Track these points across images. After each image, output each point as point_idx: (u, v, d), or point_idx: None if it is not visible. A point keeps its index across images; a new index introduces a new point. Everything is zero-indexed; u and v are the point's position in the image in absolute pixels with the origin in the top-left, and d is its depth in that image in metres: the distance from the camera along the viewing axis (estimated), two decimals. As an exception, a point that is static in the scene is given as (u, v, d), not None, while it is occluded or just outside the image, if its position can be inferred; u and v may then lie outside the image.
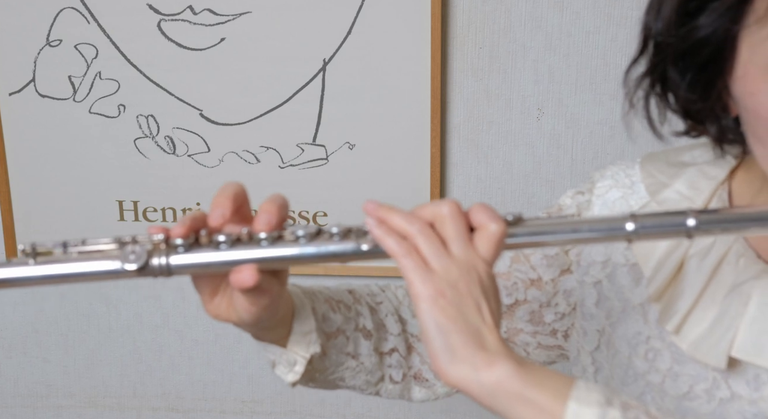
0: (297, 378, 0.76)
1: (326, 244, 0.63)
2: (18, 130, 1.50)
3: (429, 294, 0.59)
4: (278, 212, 0.65)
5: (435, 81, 1.39)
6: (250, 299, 0.66)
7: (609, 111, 1.42)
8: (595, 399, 0.58)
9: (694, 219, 0.62)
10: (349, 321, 0.80)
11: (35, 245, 0.63)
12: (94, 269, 0.63)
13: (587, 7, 1.37)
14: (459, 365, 0.58)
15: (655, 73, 0.71)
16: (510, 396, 0.58)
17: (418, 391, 0.88)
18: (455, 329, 0.59)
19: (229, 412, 1.66)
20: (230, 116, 1.46)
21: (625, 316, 0.79)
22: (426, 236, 0.61)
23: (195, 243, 0.63)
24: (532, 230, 0.63)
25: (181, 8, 1.41)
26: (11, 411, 1.69)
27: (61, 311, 1.62)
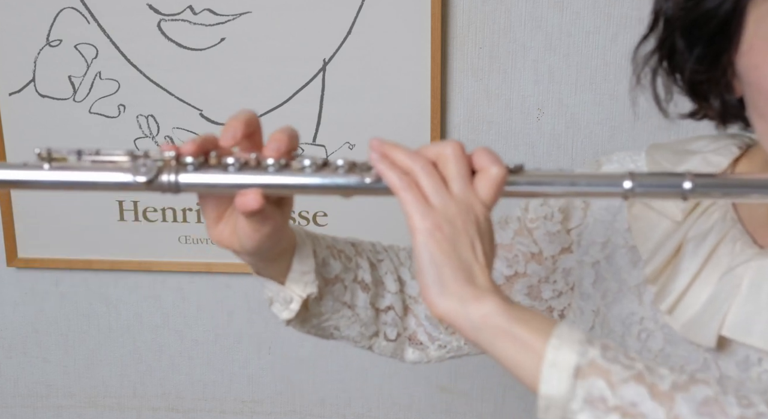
0: (291, 316, 0.78)
1: (331, 175, 0.64)
2: (18, 130, 1.50)
3: (426, 228, 0.60)
4: (288, 141, 0.67)
5: (435, 81, 1.39)
6: (252, 225, 0.67)
7: (609, 111, 1.42)
8: (576, 338, 0.59)
9: (690, 182, 0.63)
10: (348, 271, 0.81)
11: (50, 150, 0.65)
12: (105, 179, 0.65)
13: (587, 7, 1.38)
14: (448, 298, 0.60)
15: (663, 49, 0.72)
16: (495, 331, 0.60)
17: (411, 352, 0.89)
18: (448, 263, 0.60)
19: (229, 412, 1.66)
20: (230, 116, 1.46)
21: (621, 296, 0.80)
22: (427, 173, 0.63)
23: (204, 164, 0.65)
24: (532, 180, 0.65)
25: (181, 8, 1.41)
26: (11, 411, 1.69)
27: (61, 311, 1.62)
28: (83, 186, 0.65)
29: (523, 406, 1.59)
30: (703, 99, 0.72)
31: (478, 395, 1.59)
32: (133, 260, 1.55)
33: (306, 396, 1.63)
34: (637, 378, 0.57)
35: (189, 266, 1.54)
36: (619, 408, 0.57)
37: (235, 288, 1.58)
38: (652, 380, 0.58)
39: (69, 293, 1.61)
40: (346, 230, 1.49)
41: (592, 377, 0.58)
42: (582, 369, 0.58)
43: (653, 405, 0.57)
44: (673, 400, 0.57)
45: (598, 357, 0.58)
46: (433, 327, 0.87)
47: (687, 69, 0.70)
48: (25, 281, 1.61)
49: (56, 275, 1.60)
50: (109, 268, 1.56)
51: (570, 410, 0.58)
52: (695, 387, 0.58)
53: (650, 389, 0.57)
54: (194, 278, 1.57)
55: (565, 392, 0.58)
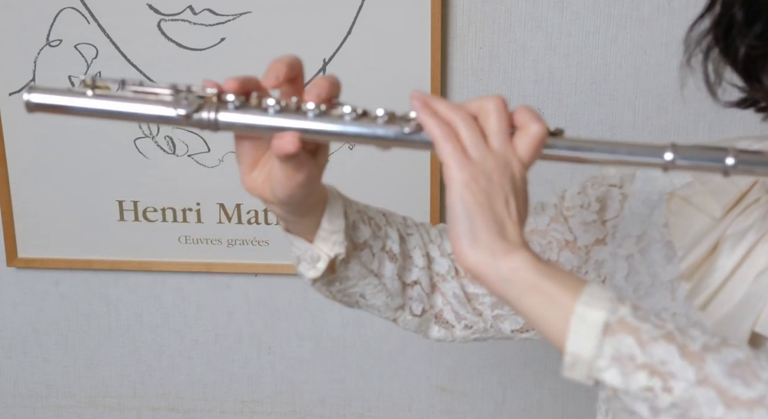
0: (317, 275, 0.78)
1: (370, 125, 0.64)
2: (18, 130, 1.50)
3: (463, 178, 0.60)
4: (329, 88, 0.67)
5: (435, 81, 1.39)
6: (287, 171, 0.67)
7: (609, 111, 1.42)
8: (606, 296, 0.58)
9: (733, 158, 0.62)
10: (377, 239, 0.81)
11: (95, 78, 0.65)
12: (146, 111, 0.65)
13: (587, 7, 1.38)
14: (479, 249, 0.60)
15: (719, 26, 0.70)
16: (523, 285, 0.59)
17: (437, 330, 0.88)
18: (481, 214, 0.60)
19: (229, 412, 1.66)
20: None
21: (654, 291, 0.80)
22: (468, 125, 0.62)
23: (244, 104, 0.65)
24: (571, 144, 0.64)
25: (181, 8, 1.41)
26: (11, 411, 1.69)
27: (61, 311, 1.62)
28: (123, 116, 0.65)
29: (523, 406, 1.59)
30: (756, 81, 0.70)
31: (478, 395, 1.59)
32: (133, 260, 1.55)
33: (306, 396, 1.63)
34: (667, 337, 0.57)
35: (189, 266, 1.54)
36: (648, 366, 0.56)
37: (235, 288, 1.58)
38: (683, 340, 0.57)
39: (69, 293, 1.61)
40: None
41: (621, 334, 0.57)
42: (611, 326, 0.57)
43: (683, 364, 0.56)
44: (703, 360, 0.56)
45: (628, 314, 0.58)
46: (461, 305, 0.87)
47: (744, 46, 0.68)
48: (25, 281, 1.61)
49: (56, 275, 1.60)
50: (109, 268, 1.56)
51: (597, 367, 0.57)
52: (726, 349, 0.57)
53: (680, 348, 0.56)
54: (194, 278, 1.57)
55: (592, 349, 0.57)
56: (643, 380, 0.56)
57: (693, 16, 0.74)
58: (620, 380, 0.57)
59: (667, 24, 1.37)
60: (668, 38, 1.38)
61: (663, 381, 0.56)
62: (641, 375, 0.56)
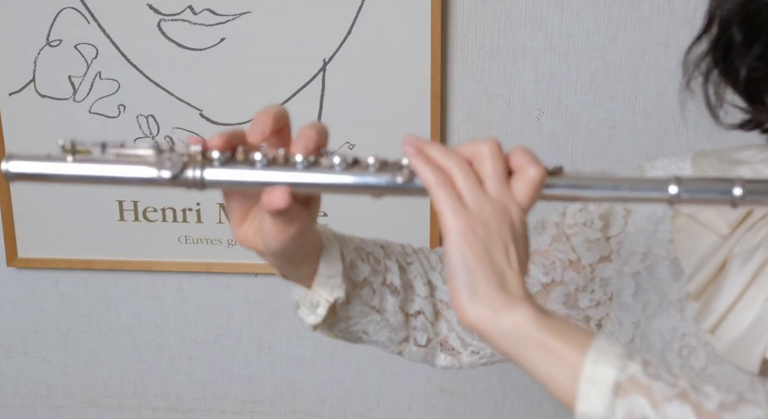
0: (318, 321, 0.75)
1: (362, 174, 0.62)
2: (18, 130, 1.50)
3: (459, 228, 0.58)
4: (317, 138, 0.65)
5: (435, 81, 1.39)
6: (278, 225, 0.65)
7: (609, 111, 1.42)
8: (615, 352, 0.56)
9: (740, 188, 0.59)
10: (377, 274, 0.78)
11: (75, 142, 0.62)
12: (129, 174, 0.62)
13: (587, 7, 1.37)
14: (479, 304, 0.57)
15: (718, 48, 0.68)
16: (527, 341, 0.57)
17: (443, 358, 0.86)
18: (480, 267, 0.57)
19: (229, 412, 1.66)
20: (230, 116, 1.46)
21: (662, 310, 0.77)
22: (463, 171, 0.60)
23: (231, 159, 0.63)
24: (572, 183, 0.61)
25: (181, 8, 1.41)
26: (11, 411, 1.69)
27: (61, 311, 1.62)
28: (107, 181, 0.63)
29: (523, 406, 1.59)
30: (759, 102, 0.69)
31: (478, 395, 1.59)
32: (133, 260, 1.55)
33: (306, 396, 1.63)
34: (681, 396, 0.54)
35: (189, 266, 1.54)
36: None
37: (235, 288, 1.58)
38: (697, 398, 0.54)
39: (69, 293, 1.61)
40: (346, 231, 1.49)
41: (633, 394, 0.55)
42: (622, 385, 0.55)
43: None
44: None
45: (639, 372, 0.55)
46: (466, 332, 0.84)
47: (744, 68, 0.66)
48: (25, 281, 1.61)
49: (56, 275, 1.59)
50: (109, 268, 1.56)
51: None
52: (744, 407, 0.55)
53: (696, 408, 0.54)
54: (194, 278, 1.57)
55: (604, 410, 0.55)
56: None
57: (693, 16, 0.73)
58: None
59: (667, 24, 1.37)
60: (668, 38, 1.38)
61: None
62: None
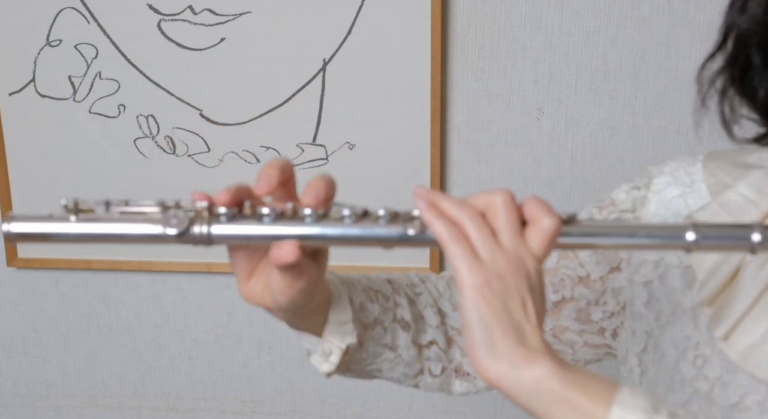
0: (332, 369, 0.75)
1: (372, 226, 0.61)
2: (18, 130, 1.50)
3: (475, 283, 0.57)
4: (326, 189, 0.63)
5: (435, 81, 1.39)
6: (287, 280, 0.64)
7: (609, 111, 1.42)
8: (640, 405, 0.55)
9: (759, 234, 0.59)
10: (387, 312, 0.78)
11: (77, 201, 0.62)
12: (134, 232, 0.62)
13: (587, 7, 1.37)
14: (498, 360, 0.56)
15: (734, 67, 0.68)
16: (550, 397, 0.56)
17: (459, 385, 0.85)
18: (498, 322, 0.56)
19: (229, 412, 1.66)
20: (230, 116, 1.46)
21: (675, 319, 0.76)
22: (476, 224, 0.59)
23: (238, 214, 0.62)
24: (587, 230, 0.61)
25: (181, 8, 1.41)
26: (11, 411, 1.69)
27: (61, 311, 1.62)
28: (112, 239, 0.62)
29: (523, 406, 1.59)
30: None
31: (478, 395, 1.59)
32: (133, 260, 1.55)
33: (306, 396, 1.63)
34: None
35: (189, 266, 1.54)
36: None
37: (235, 288, 1.56)
38: None
39: (69, 293, 1.61)
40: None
41: None
42: None
43: None
44: None
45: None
46: None
47: (763, 88, 0.65)
48: (25, 281, 1.61)
49: (56, 275, 1.59)
50: (109, 268, 1.56)
51: None
52: None
53: None
54: (194, 278, 1.57)
55: None
56: None
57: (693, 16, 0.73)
58: None
59: (667, 24, 1.37)
60: (668, 38, 1.38)
61: None
62: None
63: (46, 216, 0.62)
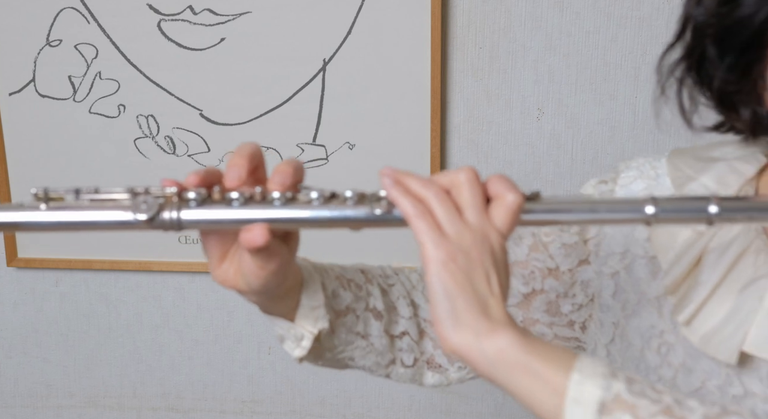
0: (304, 354, 0.76)
1: (340, 208, 0.62)
2: (18, 130, 1.50)
3: (440, 258, 0.58)
4: (293, 174, 0.64)
5: (435, 81, 1.39)
6: (258, 262, 0.65)
7: (609, 111, 1.42)
8: (599, 372, 0.57)
9: (716, 206, 0.60)
10: (360, 300, 0.79)
11: (48, 190, 0.62)
12: (104, 219, 0.62)
13: (587, 7, 1.38)
14: (462, 331, 0.58)
15: (692, 57, 0.70)
16: (511, 366, 0.57)
17: (431, 376, 0.87)
18: (462, 295, 0.58)
19: (229, 412, 1.66)
20: (230, 116, 1.46)
21: (640, 308, 0.78)
22: (441, 201, 0.60)
23: (207, 199, 0.62)
24: (549, 207, 0.62)
25: (181, 8, 1.41)
26: (11, 411, 1.69)
27: (61, 311, 1.62)
28: (82, 226, 0.62)
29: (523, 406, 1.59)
30: (732, 110, 0.70)
31: (478, 395, 1.59)
32: (133, 260, 1.55)
33: (306, 396, 1.63)
34: (665, 412, 0.55)
35: (189, 266, 1.54)
36: None
37: (235, 288, 1.57)
38: (681, 413, 0.55)
39: (69, 293, 1.61)
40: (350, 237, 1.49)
41: (618, 412, 0.55)
42: (607, 404, 0.55)
43: None
44: None
45: (623, 391, 0.56)
46: None
47: (717, 79, 0.67)
48: (25, 281, 1.61)
49: (56, 275, 1.60)
50: (109, 268, 1.56)
51: None
52: (727, 418, 0.55)
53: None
54: (194, 278, 1.57)
55: None
56: None
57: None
58: None
59: (667, 24, 1.37)
60: (668, 38, 1.36)
61: None
62: None
63: (17, 205, 0.62)
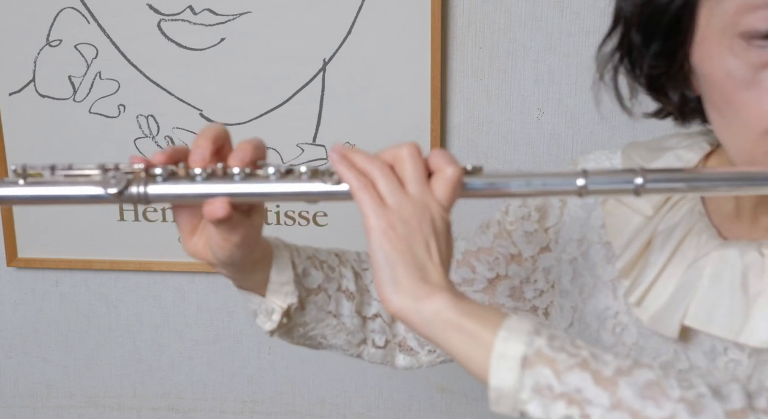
0: (274, 327, 0.80)
1: (295, 182, 0.66)
2: (18, 130, 1.50)
3: (381, 227, 0.62)
4: (253, 151, 0.68)
5: (435, 81, 1.39)
6: (222, 234, 0.69)
7: (609, 111, 1.42)
8: (524, 329, 0.60)
9: (641, 177, 0.64)
10: (332, 281, 0.83)
11: (26, 167, 0.67)
12: (77, 193, 0.67)
13: (587, 7, 1.38)
14: (401, 294, 0.62)
15: (622, 46, 0.73)
16: (445, 325, 0.61)
17: (402, 359, 0.91)
18: (401, 261, 0.62)
19: (229, 412, 1.66)
20: (230, 115, 1.46)
21: (596, 291, 0.82)
22: (384, 174, 0.65)
23: (173, 175, 0.67)
24: (488, 180, 0.66)
25: (181, 8, 1.41)
26: (11, 411, 1.69)
27: (61, 311, 1.62)
28: (57, 200, 0.67)
29: (523, 406, 1.59)
30: (662, 95, 0.74)
31: (478, 395, 1.59)
32: (133, 260, 1.55)
33: (306, 396, 1.63)
34: (581, 365, 0.58)
35: (189, 266, 1.54)
36: (565, 395, 0.58)
37: (235, 288, 1.57)
38: (596, 366, 0.58)
39: (69, 293, 1.61)
40: (347, 230, 1.49)
41: (539, 366, 0.59)
42: (529, 358, 0.59)
43: (597, 391, 0.57)
44: (616, 385, 0.57)
45: (544, 346, 0.59)
46: None
47: (645, 65, 0.71)
48: (25, 281, 1.61)
49: (56, 275, 1.60)
50: (109, 268, 1.56)
51: (520, 400, 0.59)
52: (638, 370, 0.58)
53: (594, 375, 0.58)
54: (194, 278, 1.58)
55: (513, 382, 0.59)
56: (562, 409, 0.58)
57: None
58: (542, 411, 0.58)
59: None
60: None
61: (580, 408, 0.57)
62: (560, 405, 0.58)
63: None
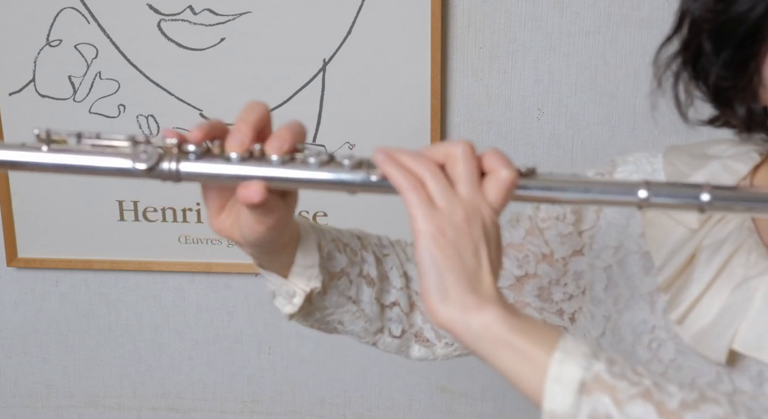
0: (294, 311, 0.76)
1: (336, 171, 0.62)
2: (18, 130, 1.50)
3: (430, 231, 0.58)
4: (291, 138, 0.64)
5: (435, 81, 1.39)
6: (255, 217, 0.65)
7: (609, 111, 1.42)
8: (581, 351, 0.57)
9: (708, 194, 0.61)
10: (354, 265, 0.79)
11: (50, 132, 0.62)
12: (104, 165, 0.62)
13: (587, 7, 1.37)
14: (449, 305, 0.58)
15: (688, 52, 0.70)
16: (495, 341, 0.58)
17: (417, 349, 0.87)
18: (450, 268, 0.58)
19: (229, 412, 1.66)
20: (230, 116, 1.45)
21: (633, 304, 0.78)
22: (434, 174, 0.61)
23: (207, 153, 0.63)
24: (544, 184, 0.62)
25: (181, 8, 1.41)
26: (11, 411, 1.69)
27: (61, 311, 1.62)
28: (81, 170, 0.63)
29: (523, 406, 1.59)
30: (727, 106, 0.70)
31: (478, 395, 1.59)
32: (133, 260, 1.55)
33: (306, 396, 1.63)
34: (644, 395, 0.55)
35: (189, 266, 1.54)
36: None
37: (235, 288, 1.58)
38: (659, 397, 0.55)
39: (69, 293, 1.61)
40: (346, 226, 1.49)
41: (598, 393, 0.56)
42: (587, 384, 0.56)
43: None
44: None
45: (603, 371, 0.56)
46: None
47: (712, 74, 0.67)
48: (25, 281, 1.61)
49: (56, 275, 1.59)
50: (109, 268, 1.56)
51: None
52: (705, 405, 0.56)
53: (658, 407, 0.55)
54: (194, 278, 1.57)
55: (569, 408, 0.56)
56: None
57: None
58: None
59: (667, 24, 1.37)
60: (668, 38, 1.38)
61: None
62: None
63: (18, 144, 0.62)
